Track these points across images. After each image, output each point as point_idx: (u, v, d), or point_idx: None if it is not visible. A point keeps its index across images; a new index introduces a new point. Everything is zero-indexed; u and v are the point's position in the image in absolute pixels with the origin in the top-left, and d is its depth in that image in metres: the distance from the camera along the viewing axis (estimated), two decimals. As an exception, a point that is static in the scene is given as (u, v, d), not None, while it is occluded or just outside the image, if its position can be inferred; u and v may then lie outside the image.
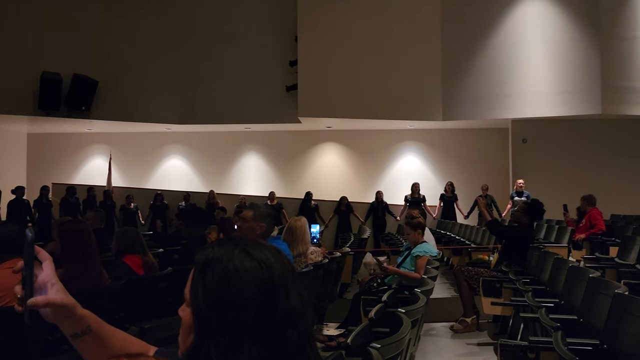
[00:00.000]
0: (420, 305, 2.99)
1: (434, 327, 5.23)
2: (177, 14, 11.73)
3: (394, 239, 9.40)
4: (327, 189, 12.60)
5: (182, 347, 0.99)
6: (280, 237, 3.78)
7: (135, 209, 12.12)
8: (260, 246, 1.00)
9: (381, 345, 2.03)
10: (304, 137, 12.91)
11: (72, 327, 1.10)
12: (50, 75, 10.61)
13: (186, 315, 0.98)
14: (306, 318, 0.96)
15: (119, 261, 3.49)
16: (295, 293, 0.96)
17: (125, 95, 11.38)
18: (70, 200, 11.39)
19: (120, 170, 13.77)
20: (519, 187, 9.87)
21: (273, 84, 11.17)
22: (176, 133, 13.32)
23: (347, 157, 13.05)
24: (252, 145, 13.37)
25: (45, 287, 1.06)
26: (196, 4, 11.77)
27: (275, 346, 0.90)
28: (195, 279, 0.96)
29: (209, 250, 0.98)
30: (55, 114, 10.98)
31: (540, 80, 9.90)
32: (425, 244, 4.79)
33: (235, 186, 13.38)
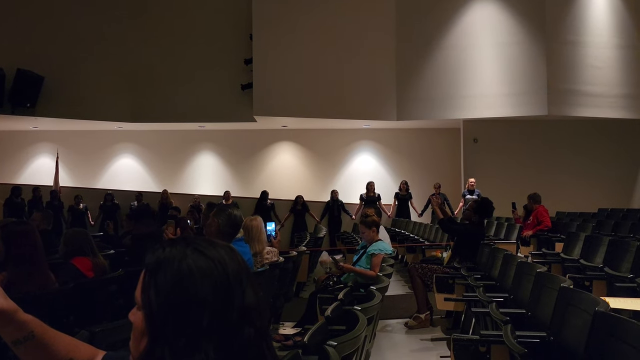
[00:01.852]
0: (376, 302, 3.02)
1: (389, 323, 5.30)
2: (131, 9, 11.44)
3: (350, 237, 9.47)
4: (283, 188, 12.57)
5: (134, 353, 0.95)
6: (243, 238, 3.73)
7: (85, 210, 11.74)
8: (214, 244, 0.98)
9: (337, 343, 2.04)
10: (259, 136, 12.83)
11: (14, 333, 1.05)
12: (-8, 70, 10.14)
13: (137, 319, 0.94)
14: (262, 316, 0.95)
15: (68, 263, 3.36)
16: (251, 291, 0.94)
17: (73, 92, 11.01)
18: (15, 201, 10.93)
19: (69, 169, 13.28)
20: (471, 185, 10.16)
21: (228, 82, 11.06)
22: (127, 131, 12.97)
23: (302, 156, 13.06)
24: (206, 144, 13.18)
25: None
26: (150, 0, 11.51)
27: (232, 345, 0.88)
28: (146, 281, 0.93)
29: (159, 251, 0.95)
30: (-3, 111, 10.51)
31: (490, 82, 10.23)
32: (380, 242, 4.83)
33: (189, 186, 13.15)
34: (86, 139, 13.28)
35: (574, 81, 10.15)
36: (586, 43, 10.22)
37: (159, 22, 11.49)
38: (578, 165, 10.96)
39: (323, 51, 10.48)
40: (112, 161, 13.50)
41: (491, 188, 9.73)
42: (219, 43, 11.27)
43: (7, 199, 10.97)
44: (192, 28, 11.41)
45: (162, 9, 11.51)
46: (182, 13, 11.49)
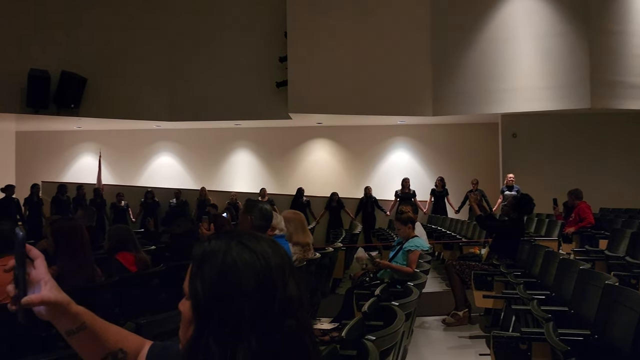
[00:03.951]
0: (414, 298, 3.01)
1: (426, 320, 5.26)
2: (167, 11, 11.66)
3: (385, 234, 9.44)
4: (318, 185, 12.61)
5: (182, 341, 0.99)
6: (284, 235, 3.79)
7: (126, 207, 12.06)
8: (258, 238, 1.01)
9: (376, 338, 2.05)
10: (294, 133, 12.90)
11: (67, 324, 1.09)
12: (38, 73, 10.50)
13: (185, 309, 0.98)
14: (304, 308, 0.97)
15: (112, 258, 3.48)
16: (293, 283, 0.97)
17: (114, 93, 11.31)
18: (61, 199, 11.32)
19: (111, 167, 13.69)
20: (509, 181, 9.94)
21: (263, 80, 11.15)
22: (166, 130, 13.26)
23: (337, 153, 13.06)
24: (242, 142, 13.34)
25: (39, 285, 1.05)
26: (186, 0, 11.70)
27: (274, 336, 0.91)
28: (193, 272, 0.97)
29: (206, 244, 0.99)
30: (43, 112, 10.90)
31: (529, 75, 9.97)
32: (416, 239, 4.81)
33: (226, 183, 13.35)
34: (127, 138, 13.65)
35: (618, 72, 9.80)
36: (631, 32, 9.84)
37: (195, 21, 11.66)
38: (622, 160, 10.58)
39: (357, 47, 10.42)
40: (151, 159, 13.84)
41: (531, 184, 9.50)
42: (254, 41, 11.37)
43: (54, 196, 11.38)
44: (227, 27, 11.54)
45: (197, 8, 11.68)
46: (217, 12, 11.63)
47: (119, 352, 1.15)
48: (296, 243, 4.21)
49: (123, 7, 11.46)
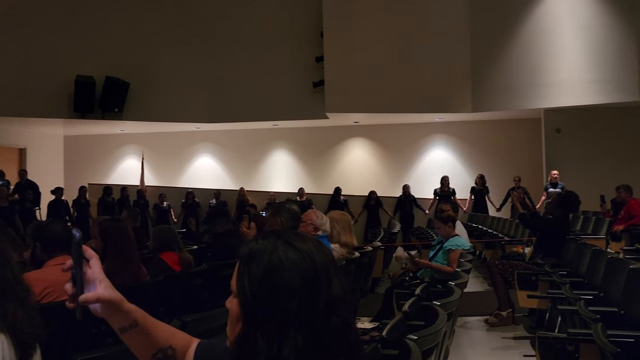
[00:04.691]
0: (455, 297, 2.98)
1: (468, 320, 5.18)
2: (202, 13, 11.84)
3: (424, 233, 9.34)
4: (355, 184, 12.59)
5: (230, 337, 1.02)
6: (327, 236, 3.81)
7: (168, 208, 12.34)
8: (303, 238, 1.04)
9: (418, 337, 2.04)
10: (331, 133, 12.92)
11: (120, 321, 1.14)
12: (84, 79, 10.88)
13: (233, 306, 1.01)
14: (348, 306, 0.99)
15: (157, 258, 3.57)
16: (337, 282, 0.99)
17: (155, 96, 11.59)
18: (106, 200, 11.69)
19: (153, 169, 14.04)
20: (553, 178, 9.65)
21: (300, 80, 11.20)
22: (205, 132, 13.50)
23: (375, 151, 13.00)
24: (280, 142, 13.45)
25: (94, 283, 1.09)
26: (221, 3, 11.84)
27: (320, 333, 0.93)
28: (240, 270, 1.00)
29: (252, 243, 1.02)
30: (89, 116, 11.27)
31: (573, 68, 9.64)
32: (457, 238, 4.74)
33: (264, 183, 13.49)
34: (168, 140, 13.97)
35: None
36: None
37: (231, 23, 11.79)
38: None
39: (394, 45, 10.34)
40: (192, 161, 14.12)
41: (576, 180, 9.20)
42: (290, 42, 11.44)
43: (100, 198, 11.77)
44: (264, 28, 11.64)
45: (233, 10, 11.81)
46: (253, 13, 11.74)
47: (169, 349, 1.19)
48: (343, 244, 4.22)
49: (160, 14, 11.70)
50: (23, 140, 13.52)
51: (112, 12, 11.48)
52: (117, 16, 11.48)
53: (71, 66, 10.92)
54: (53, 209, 10.93)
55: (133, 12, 11.58)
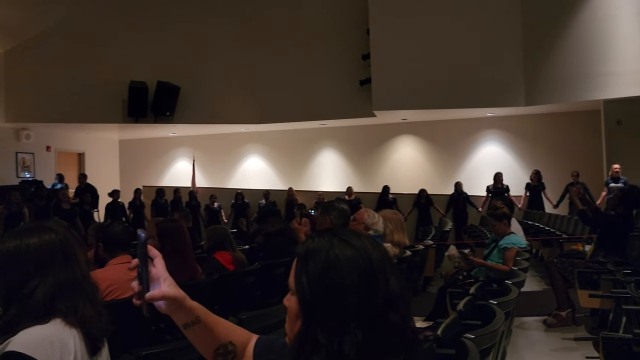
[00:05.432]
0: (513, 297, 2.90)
1: (525, 321, 5.02)
2: (249, 16, 11.99)
3: (477, 231, 9.13)
4: (404, 182, 12.46)
5: (290, 334, 1.03)
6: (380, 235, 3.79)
7: (219, 208, 12.59)
8: (359, 235, 1.04)
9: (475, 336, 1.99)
10: (379, 131, 12.83)
11: (183, 318, 1.17)
12: (137, 84, 11.27)
13: (292, 304, 1.02)
14: (405, 302, 1.00)
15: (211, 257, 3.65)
16: (394, 279, 0.99)
17: (204, 99, 11.85)
18: (159, 202, 12.05)
19: (203, 171, 14.38)
20: (615, 172, 9.19)
21: (346, 78, 11.17)
22: (254, 133, 13.70)
23: (424, 149, 12.82)
24: (328, 141, 13.47)
25: (159, 281, 1.13)
26: (265, 4, 11.95)
27: (379, 329, 0.93)
28: (298, 268, 1.01)
29: (309, 242, 1.03)
30: (143, 121, 11.67)
31: (635, 57, 9.11)
32: (513, 235, 4.61)
33: (313, 183, 13.56)
34: (218, 142, 14.27)
35: None
36: None
37: (276, 23, 11.89)
38: None
39: (442, 39, 10.10)
40: (241, 162, 14.36)
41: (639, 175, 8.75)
42: (336, 40, 11.43)
43: (154, 200, 12.15)
44: (309, 28, 11.68)
45: (279, 11, 11.90)
46: (297, 12, 11.80)
47: (229, 345, 1.21)
48: (396, 243, 4.19)
49: (208, 19, 11.94)
50: (82, 145, 14.16)
51: (162, 19, 11.82)
52: (167, 23, 11.81)
53: (125, 73, 11.33)
54: (110, 211, 11.36)
55: (182, 18, 11.88)
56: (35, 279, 1.42)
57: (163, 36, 11.75)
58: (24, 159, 12.50)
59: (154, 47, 11.68)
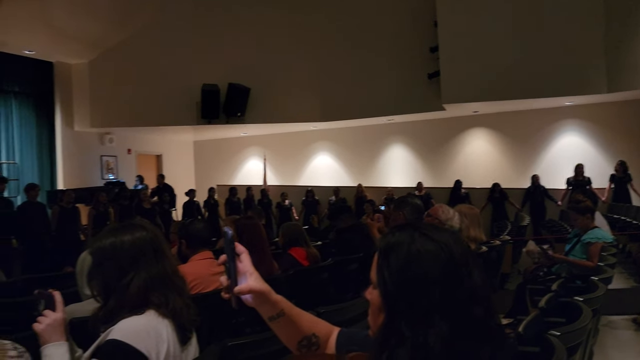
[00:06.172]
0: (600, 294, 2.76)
1: (612, 319, 4.75)
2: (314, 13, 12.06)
3: (557, 225, 8.71)
4: (477, 177, 12.11)
5: (373, 327, 1.05)
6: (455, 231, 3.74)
7: (290, 206, 12.80)
8: (439, 229, 1.04)
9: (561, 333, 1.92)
10: (449, 124, 12.54)
11: (269, 310, 1.21)
12: (210, 87, 11.69)
13: (374, 297, 1.03)
14: (489, 296, 0.99)
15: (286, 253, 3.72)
16: (477, 273, 0.99)
17: (274, 99, 12.09)
18: (232, 200, 12.43)
19: (274, 169, 14.68)
20: None
21: (414, 72, 11.01)
22: (322, 130, 13.81)
23: (497, 141, 12.38)
24: (396, 137, 13.34)
25: (246, 276, 1.18)
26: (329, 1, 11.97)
27: (463, 322, 0.94)
28: (379, 263, 1.02)
29: (389, 236, 1.04)
30: (215, 122, 12.08)
31: None
32: (597, 230, 4.38)
33: (382, 179, 13.48)
34: (287, 140, 14.51)
35: None
36: None
37: (343, 19, 11.89)
38: None
39: (513, 26, 9.66)
40: (310, 159, 14.53)
41: None
42: (403, 34, 11.28)
43: (227, 198, 12.55)
44: (375, 22, 11.59)
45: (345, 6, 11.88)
46: (364, 8, 11.73)
47: (312, 337, 1.25)
48: (472, 239, 4.10)
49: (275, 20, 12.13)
50: (159, 147, 14.87)
51: (231, 24, 12.16)
52: (236, 27, 12.13)
53: (198, 77, 11.78)
54: (187, 210, 11.86)
55: (249, 21, 12.16)
56: (130, 273, 1.52)
57: (232, 40, 12.10)
58: (107, 162, 13.31)
59: (225, 50, 12.05)
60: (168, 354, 1.45)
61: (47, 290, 1.53)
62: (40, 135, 12.13)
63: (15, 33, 10.32)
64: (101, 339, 1.43)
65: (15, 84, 11.67)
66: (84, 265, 2.34)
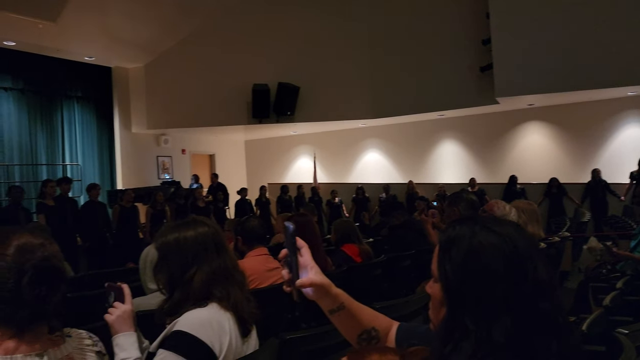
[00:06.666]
0: (672, 292, 2.63)
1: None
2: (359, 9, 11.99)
3: (620, 221, 8.32)
4: (533, 172, 11.74)
5: (434, 320, 1.04)
6: None
7: (340, 203, 12.82)
8: (501, 222, 1.02)
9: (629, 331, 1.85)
10: (503, 118, 12.20)
11: (329, 303, 1.23)
12: (260, 87, 11.87)
13: (435, 291, 1.03)
14: (556, 291, 0.97)
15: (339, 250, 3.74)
16: (542, 266, 0.97)
17: (322, 97, 12.13)
18: (284, 198, 12.58)
19: (324, 167, 14.74)
20: None
21: (466, 66, 10.77)
22: (371, 127, 13.74)
23: (554, 135, 11.94)
24: (447, 132, 13.10)
25: (306, 269, 1.20)
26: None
27: (529, 317, 0.92)
28: (441, 256, 1.01)
29: (450, 230, 1.03)
30: (266, 121, 12.26)
31: None
32: (665, 225, 4.16)
33: (433, 175, 13.28)
34: (336, 138, 14.53)
35: None
36: None
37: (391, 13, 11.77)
38: None
39: (570, 14, 9.26)
40: (360, 157, 14.50)
41: None
42: (454, 27, 11.04)
43: (279, 196, 12.72)
44: (424, 16, 11.40)
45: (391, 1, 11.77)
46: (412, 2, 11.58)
47: (372, 330, 1.25)
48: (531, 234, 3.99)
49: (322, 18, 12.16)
50: (212, 147, 15.24)
51: (279, 23, 12.29)
52: (285, 26, 12.25)
53: (248, 77, 11.98)
54: (239, 208, 12.09)
55: (298, 20, 12.25)
56: (193, 267, 1.58)
57: (281, 39, 12.23)
58: (163, 162, 13.76)
59: (274, 50, 12.20)
60: (230, 346, 1.49)
61: (116, 284, 1.61)
62: (100, 138, 12.70)
63: (76, 41, 10.84)
64: (167, 330, 1.49)
65: (77, 89, 12.27)
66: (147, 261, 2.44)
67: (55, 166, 11.78)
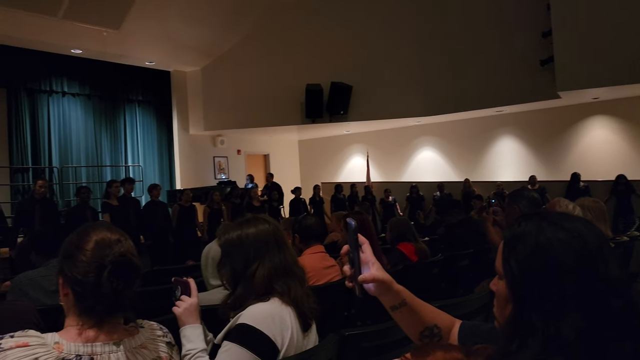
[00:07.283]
0: None
1: None
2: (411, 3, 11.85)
3: (695, 220, 7.83)
4: (597, 168, 11.22)
5: (499, 318, 1.03)
6: None
7: (393, 202, 12.72)
8: (570, 217, 1.00)
9: None
10: (565, 113, 11.73)
11: (391, 300, 1.23)
12: (313, 87, 11.95)
13: (500, 288, 1.01)
14: (629, 289, 0.93)
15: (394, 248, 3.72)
16: (614, 264, 0.94)
17: (375, 96, 12.07)
18: (338, 197, 12.61)
19: (377, 166, 14.67)
20: None
21: (525, 59, 10.41)
22: (425, 125, 13.55)
23: (620, 129, 11.36)
24: (505, 129, 12.73)
25: (368, 265, 1.21)
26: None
27: (601, 314, 0.89)
28: (506, 253, 0.99)
29: (515, 226, 1.01)
30: (319, 121, 12.34)
31: None
32: None
33: (490, 173, 12.95)
34: (390, 136, 14.43)
35: None
36: None
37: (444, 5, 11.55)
38: None
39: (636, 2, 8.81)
40: (413, 155, 14.33)
41: None
42: (511, 20, 10.71)
43: (332, 195, 12.76)
44: (482, 9, 11.13)
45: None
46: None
47: (434, 327, 1.25)
48: None
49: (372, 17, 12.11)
50: (266, 147, 15.49)
51: (331, 23, 12.33)
52: (336, 26, 12.28)
53: (301, 77, 12.10)
54: (294, 207, 12.22)
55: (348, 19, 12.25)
56: (255, 263, 1.62)
57: (333, 39, 12.27)
58: (219, 162, 14.11)
59: (326, 50, 12.26)
60: (292, 340, 1.52)
61: (183, 278, 1.68)
62: (160, 139, 13.18)
63: (138, 47, 11.30)
64: (231, 323, 1.54)
65: (138, 93, 12.79)
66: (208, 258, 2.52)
67: (118, 167, 12.33)
